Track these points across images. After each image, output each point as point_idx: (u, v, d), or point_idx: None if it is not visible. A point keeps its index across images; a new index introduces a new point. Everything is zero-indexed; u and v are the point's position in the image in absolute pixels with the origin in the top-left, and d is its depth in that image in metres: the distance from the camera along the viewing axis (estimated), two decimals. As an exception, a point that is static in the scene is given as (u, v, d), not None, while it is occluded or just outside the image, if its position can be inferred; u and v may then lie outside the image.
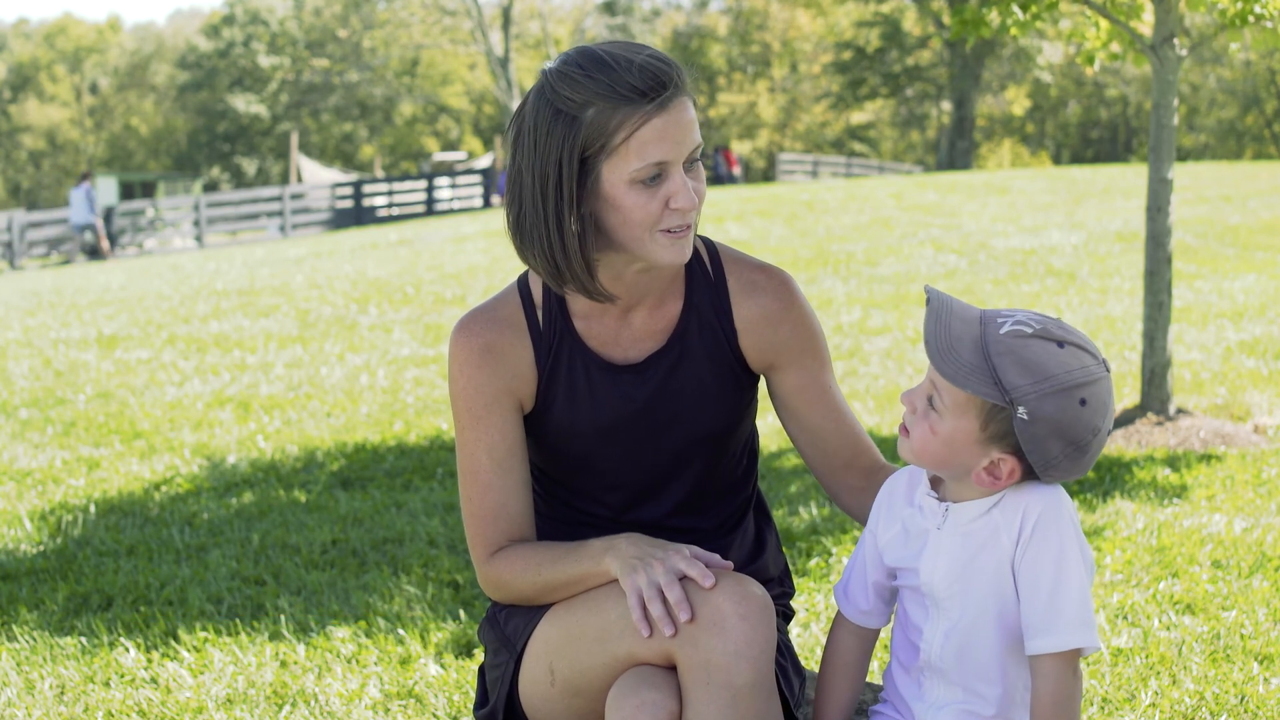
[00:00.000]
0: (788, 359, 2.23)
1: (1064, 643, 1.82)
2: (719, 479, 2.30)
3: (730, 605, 1.93)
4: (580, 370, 2.20)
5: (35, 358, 10.26)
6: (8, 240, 25.91)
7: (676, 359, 2.21)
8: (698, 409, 2.22)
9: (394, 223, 30.27)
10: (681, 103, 2.02)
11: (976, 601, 1.92)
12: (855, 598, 2.09)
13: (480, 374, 2.18)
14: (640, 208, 2.03)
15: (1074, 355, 1.83)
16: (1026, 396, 1.80)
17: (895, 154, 60.07)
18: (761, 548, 2.37)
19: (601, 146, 2.00)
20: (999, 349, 1.82)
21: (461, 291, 13.19)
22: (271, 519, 5.17)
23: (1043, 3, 6.20)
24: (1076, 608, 1.83)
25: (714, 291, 2.23)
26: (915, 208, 19.39)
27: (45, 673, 3.59)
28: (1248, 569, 4.06)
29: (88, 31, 69.00)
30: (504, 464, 2.18)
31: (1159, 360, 6.10)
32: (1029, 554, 1.85)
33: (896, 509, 2.04)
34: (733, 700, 1.90)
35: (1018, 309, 1.90)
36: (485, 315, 2.21)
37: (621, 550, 2.05)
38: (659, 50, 2.07)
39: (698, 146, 2.05)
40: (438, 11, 43.22)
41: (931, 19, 47.26)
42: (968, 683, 1.95)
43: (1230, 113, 53.59)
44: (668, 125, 2.01)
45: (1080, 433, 1.82)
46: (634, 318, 2.21)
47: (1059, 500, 1.88)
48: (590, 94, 1.99)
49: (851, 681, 2.10)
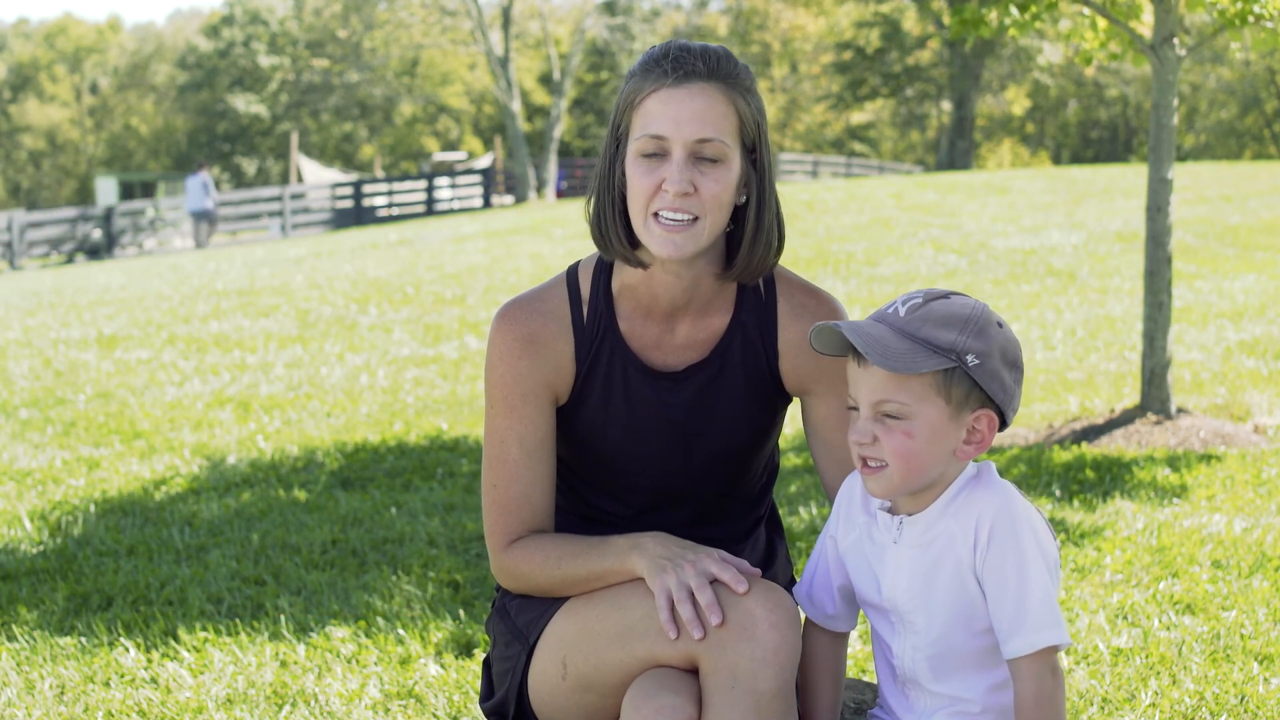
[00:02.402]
0: (826, 386, 2.21)
1: (1035, 643, 1.84)
2: (738, 493, 2.29)
3: (761, 611, 1.92)
4: (619, 370, 2.19)
5: (35, 358, 10.26)
6: (8, 240, 25.90)
7: (716, 373, 2.20)
8: (728, 425, 2.21)
9: (394, 223, 30.27)
10: (701, 87, 2.03)
11: (943, 611, 1.92)
12: (821, 603, 2.08)
13: (521, 363, 2.17)
14: (639, 181, 2.05)
15: (960, 299, 1.93)
16: (965, 345, 1.87)
17: (895, 154, 60.05)
18: (772, 558, 2.37)
19: (625, 115, 2.08)
20: (914, 326, 1.88)
21: (461, 291, 13.19)
22: (271, 519, 5.17)
23: (1042, 3, 6.20)
24: (1042, 607, 1.84)
25: (762, 311, 2.21)
26: (915, 208, 19.38)
27: (45, 673, 3.59)
28: (1248, 569, 4.06)
29: (88, 31, 68.98)
30: (534, 454, 2.17)
31: (1159, 360, 6.10)
32: (990, 561, 1.87)
33: (855, 514, 2.03)
34: (756, 707, 1.89)
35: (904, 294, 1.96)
36: (530, 305, 2.20)
37: (649, 549, 2.04)
38: (720, 46, 2.11)
39: (707, 140, 2.02)
40: (438, 11, 43.20)
41: (931, 19, 47.24)
42: (948, 689, 1.96)
43: (1230, 113, 53.57)
44: (673, 99, 2.02)
45: (1015, 352, 1.93)
46: (679, 326, 2.20)
47: (1011, 501, 1.89)
48: (638, 67, 2.08)
49: (833, 681, 2.11)
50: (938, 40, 48.17)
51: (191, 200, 26.90)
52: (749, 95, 2.07)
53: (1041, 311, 10.19)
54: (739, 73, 2.06)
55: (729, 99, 2.04)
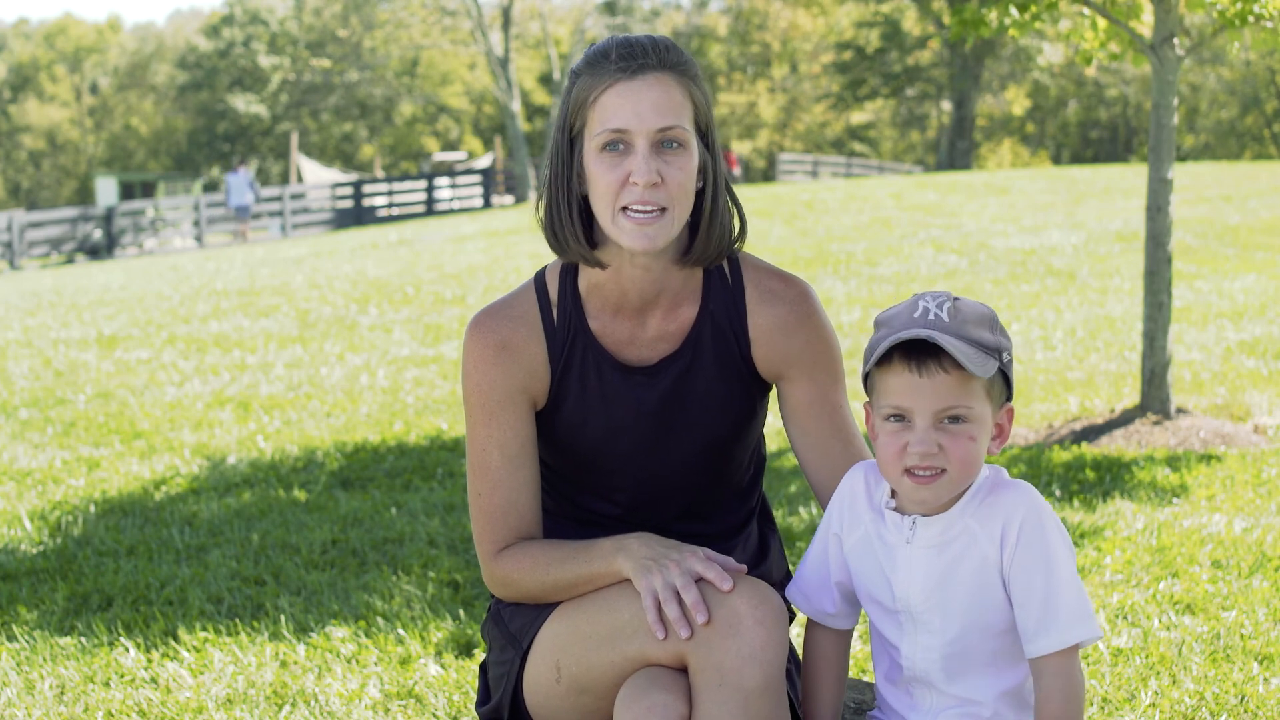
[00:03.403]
0: (799, 370, 2.22)
1: (1064, 640, 1.84)
2: (725, 486, 2.29)
3: (746, 608, 1.93)
4: (593, 369, 2.20)
5: (35, 358, 10.26)
6: (8, 240, 25.90)
7: (689, 364, 2.20)
8: (707, 415, 2.21)
9: (394, 223, 30.28)
10: (655, 77, 2.04)
11: (960, 612, 1.91)
12: (819, 601, 2.07)
13: (495, 370, 2.18)
14: (602, 177, 2.05)
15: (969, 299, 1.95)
16: (1001, 343, 1.91)
17: (895, 154, 60.04)
18: (765, 553, 2.37)
19: (579, 113, 2.07)
20: (961, 329, 1.88)
21: (461, 291, 13.19)
22: (271, 519, 5.17)
23: (1042, 3, 6.20)
24: (1073, 603, 1.84)
25: (731, 298, 2.22)
26: (915, 208, 19.38)
27: (45, 673, 3.59)
28: (1248, 569, 4.06)
29: (88, 31, 68.99)
30: (515, 461, 2.18)
31: (1159, 360, 6.10)
32: (1018, 560, 1.86)
33: (859, 511, 2.03)
34: (744, 703, 1.90)
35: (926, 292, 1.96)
36: (501, 312, 2.22)
37: (634, 550, 2.04)
38: (665, 37, 2.11)
39: (669, 128, 2.04)
40: (438, 12, 43.19)
41: (931, 19, 47.24)
42: (959, 689, 1.95)
43: (1230, 113, 53.56)
44: (630, 91, 2.03)
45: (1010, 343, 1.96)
46: (649, 320, 2.21)
47: (1036, 500, 1.90)
48: (582, 65, 2.07)
49: (835, 680, 2.10)
50: (938, 40, 48.18)
51: (235, 196, 27.82)
52: (698, 80, 2.11)
53: (1041, 311, 10.19)
54: (686, 60, 2.09)
55: (683, 86, 2.07)
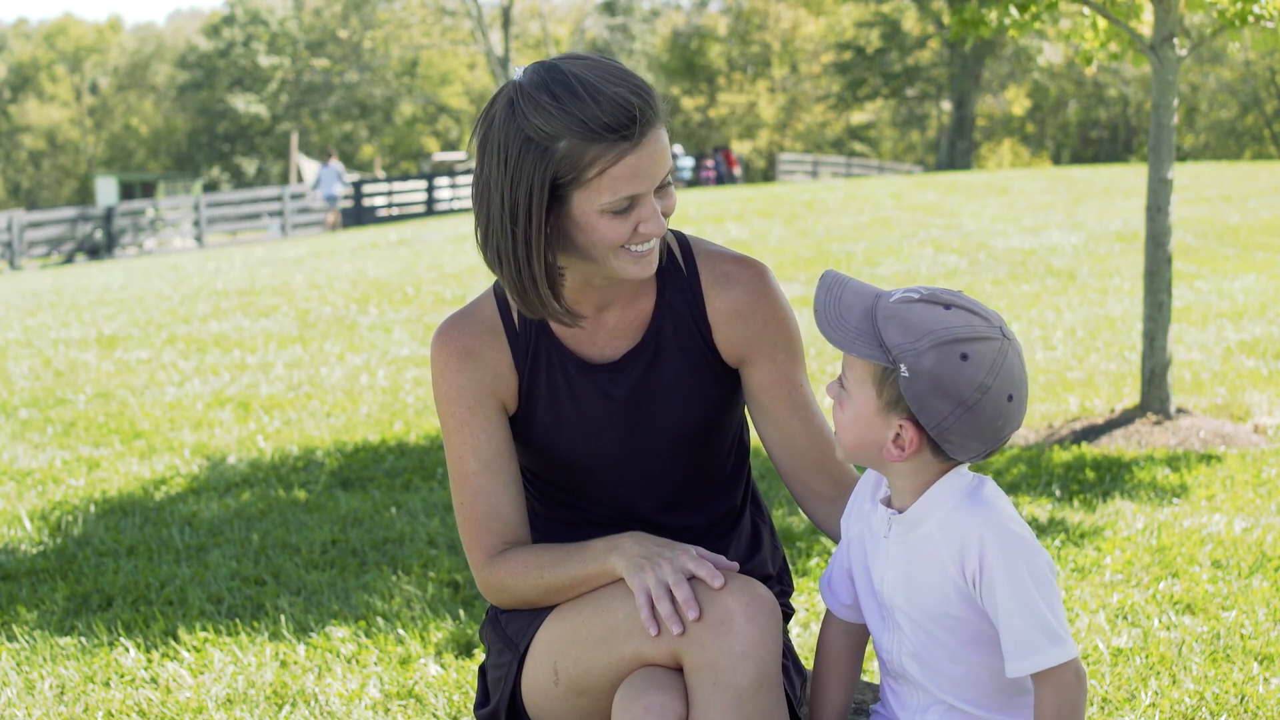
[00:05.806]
0: (759, 352, 2.22)
1: (1036, 665, 1.83)
2: (707, 475, 2.29)
3: (738, 606, 1.93)
4: (559, 370, 2.21)
5: (35, 358, 10.26)
6: (8, 240, 25.91)
7: (652, 355, 2.21)
8: (677, 405, 2.22)
9: (394, 223, 30.27)
10: (654, 135, 2.01)
11: (924, 612, 1.91)
12: (838, 591, 2.08)
13: (460, 377, 2.19)
14: (612, 231, 2.04)
15: (959, 315, 1.84)
16: (906, 353, 1.83)
17: (895, 154, 60.05)
18: (758, 545, 2.37)
19: (574, 179, 2.00)
20: (885, 314, 1.86)
21: (461, 292, 13.19)
22: (271, 519, 5.17)
23: (1042, 3, 6.20)
24: (1042, 628, 1.82)
25: (686, 286, 2.22)
26: (915, 208, 19.39)
27: (45, 673, 3.59)
28: (1248, 569, 4.06)
29: (88, 31, 69.00)
30: (492, 465, 2.19)
31: (1159, 360, 6.10)
32: (985, 589, 1.86)
33: (862, 505, 2.05)
34: (738, 702, 1.90)
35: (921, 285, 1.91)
36: (462, 319, 2.23)
37: (626, 549, 2.05)
38: (630, 73, 2.03)
39: (670, 170, 2.05)
40: (438, 11, 43.21)
41: (931, 19, 47.26)
42: (936, 687, 1.95)
43: (1230, 113, 53.58)
44: (641, 161, 2.00)
45: (964, 389, 1.80)
46: (608, 316, 2.21)
47: (998, 529, 1.85)
48: (562, 127, 1.96)
49: (844, 679, 2.10)
50: (938, 40, 48.20)
51: (325, 186, 29.90)
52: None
53: (1041, 311, 10.19)
54: (656, 94, 2.07)
55: (666, 126, 2.07)
